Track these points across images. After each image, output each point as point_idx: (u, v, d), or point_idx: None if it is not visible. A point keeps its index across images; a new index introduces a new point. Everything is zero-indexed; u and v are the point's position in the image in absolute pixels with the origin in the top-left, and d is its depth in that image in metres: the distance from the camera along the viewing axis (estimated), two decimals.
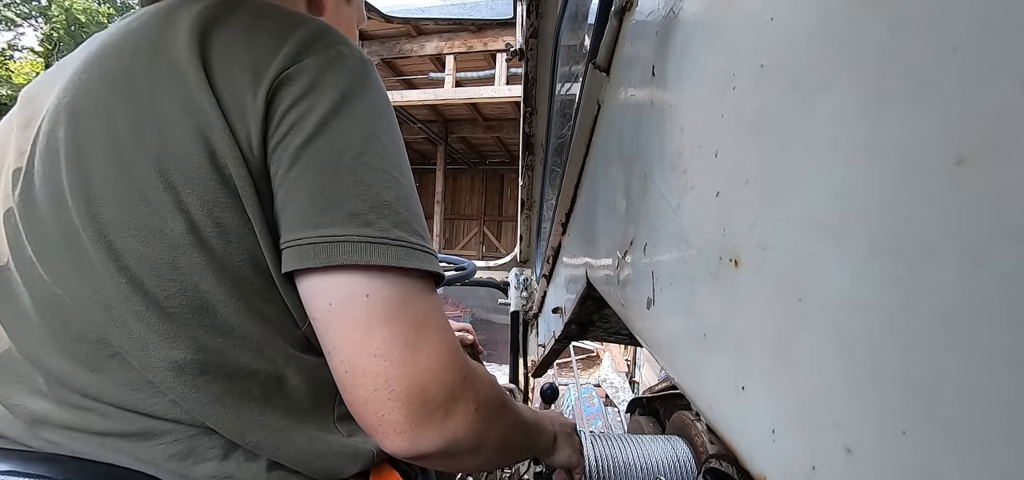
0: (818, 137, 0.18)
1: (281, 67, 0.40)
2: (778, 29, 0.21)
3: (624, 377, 3.93)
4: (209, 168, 0.38)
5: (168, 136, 0.38)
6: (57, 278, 0.40)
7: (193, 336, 0.39)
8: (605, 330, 0.89)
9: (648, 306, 0.37)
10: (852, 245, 0.16)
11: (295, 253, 0.39)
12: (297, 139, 0.39)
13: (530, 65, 1.36)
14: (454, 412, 0.41)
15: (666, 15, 0.34)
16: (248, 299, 0.41)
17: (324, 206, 0.39)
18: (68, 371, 0.40)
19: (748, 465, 0.22)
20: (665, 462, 0.83)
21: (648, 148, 0.38)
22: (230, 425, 0.41)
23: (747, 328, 0.23)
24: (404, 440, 0.39)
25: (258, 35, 0.41)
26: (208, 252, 0.39)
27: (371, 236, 0.39)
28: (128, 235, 0.38)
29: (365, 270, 0.39)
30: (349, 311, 0.39)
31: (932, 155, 0.13)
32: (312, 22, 0.43)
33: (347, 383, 0.40)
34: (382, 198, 0.40)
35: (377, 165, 0.41)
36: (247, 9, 0.43)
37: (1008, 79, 0.11)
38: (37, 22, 13.65)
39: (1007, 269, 0.11)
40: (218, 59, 0.40)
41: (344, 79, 0.41)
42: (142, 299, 0.38)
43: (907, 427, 0.14)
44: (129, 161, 0.38)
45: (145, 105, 0.39)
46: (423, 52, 8.65)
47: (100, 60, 0.42)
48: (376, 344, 0.38)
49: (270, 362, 0.42)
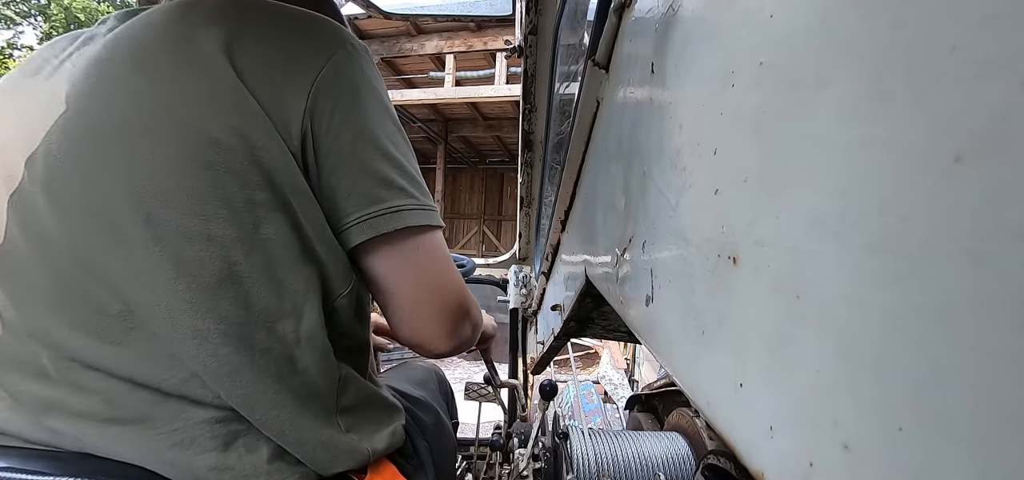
0: (817, 135, 0.18)
1: (317, 68, 0.46)
2: (777, 26, 0.21)
3: (623, 374, 3.94)
4: (244, 152, 0.42)
5: (203, 120, 0.42)
6: (85, 249, 0.41)
7: (218, 307, 0.42)
8: (604, 327, 0.90)
9: (647, 303, 0.37)
10: (851, 243, 0.16)
11: (368, 225, 0.48)
12: (348, 134, 0.47)
13: (529, 62, 1.36)
14: (466, 319, 0.57)
15: (665, 12, 0.34)
16: (272, 272, 0.44)
17: (384, 183, 0.48)
18: (80, 345, 0.41)
19: (746, 462, 0.22)
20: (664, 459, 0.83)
21: (647, 145, 0.38)
22: (244, 397, 0.43)
23: (745, 325, 0.23)
24: (449, 341, 0.55)
25: (284, 37, 0.47)
26: (239, 225, 0.43)
27: (417, 204, 0.50)
28: (166, 207, 0.41)
29: (417, 230, 0.50)
30: (410, 259, 0.51)
31: (931, 153, 0.13)
32: (322, 21, 0.49)
33: (410, 312, 0.53)
34: (411, 173, 0.51)
35: (400, 143, 0.51)
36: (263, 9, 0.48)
37: (1007, 77, 0.11)
38: (36, 21, 13.62)
39: (1006, 267, 0.11)
40: (247, 55, 0.44)
41: (365, 72, 0.49)
42: (173, 267, 0.41)
43: (905, 424, 0.14)
44: (168, 142, 0.41)
45: (180, 91, 0.42)
46: (423, 51, 8.63)
47: (127, 48, 0.44)
48: (429, 280, 0.52)
49: (282, 342, 0.45)
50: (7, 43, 13.32)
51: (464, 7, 1.94)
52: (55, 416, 0.41)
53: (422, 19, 7.61)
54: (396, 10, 1.56)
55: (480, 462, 1.45)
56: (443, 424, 0.77)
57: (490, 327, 0.88)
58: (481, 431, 1.46)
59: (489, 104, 8.82)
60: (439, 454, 0.71)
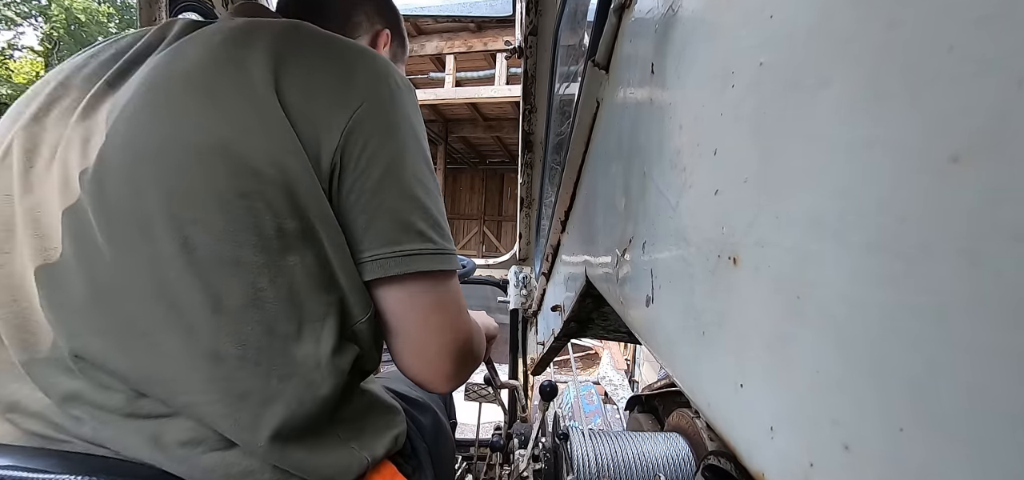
0: (816, 135, 0.18)
1: (354, 105, 0.48)
2: (777, 27, 0.21)
3: (623, 375, 3.93)
4: (280, 184, 0.44)
5: (246, 149, 0.44)
6: (123, 264, 0.43)
7: (240, 331, 0.43)
8: (604, 328, 0.90)
9: (647, 304, 0.37)
10: (850, 243, 0.16)
11: (379, 265, 0.49)
12: (375, 174, 0.48)
13: (529, 63, 1.36)
14: (470, 359, 0.59)
15: (665, 13, 0.34)
16: (295, 298, 0.46)
17: (401, 226, 0.50)
18: (104, 352, 0.43)
19: (746, 462, 0.22)
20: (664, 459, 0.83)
21: (647, 146, 0.38)
22: (254, 417, 0.44)
23: (746, 326, 0.23)
24: (449, 383, 0.57)
25: (329, 70, 0.48)
26: (267, 252, 0.44)
27: (432, 249, 0.51)
28: (202, 231, 0.43)
29: (428, 276, 0.51)
30: (417, 303, 0.52)
31: (929, 153, 0.13)
32: (371, 57, 0.51)
33: (412, 351, 0.54)
34: (433, 216, 0.52)
35: (429, 185, 0.52)
36: (314, 39, 0.50)
37: (1004, 77, 0.11)
38: (37, 21, 13.63)
39: (1003, 267, 0.11)
40: (292, 89, 0.46)
41: (403, 113, 0.51)
42: (203, 291, 0.43)
43: (904, 424, 0.14)
44: (209, 169, 0.43)
45: (227, 119, 0.44)
46: (423, 52, 8.63)
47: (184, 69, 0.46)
48: (433, 324, 0.53)
49: (299, 366, 0.46)
50: (7, 44, 13.32)
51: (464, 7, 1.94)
52: (77, 406, 0.43)
53: (422, 19, 7.61)
54: None
55: (480, 463, 1.45)
56: (442, 425, 0.77)
57: (491, 328, 0.88)
58: (481, 432, 1.46)
59: (489, 105, 8.82)
60: (438, 455, 0.71)
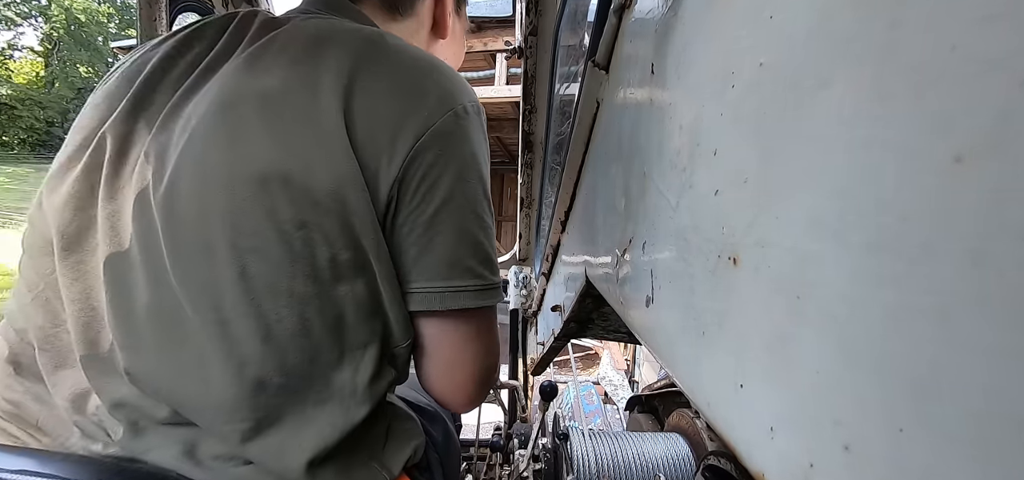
0: (817, 135, 0.18)
1: (416, 135, 0.46)
2: (777, 27, 0.21)
3: (623, 375, 3.93)
4: (338, 214, 0.44)
5: (308, 180, 0.43)
6: (185, 284, 0.43)
7: (285, 361, 0.44)
8: (604, 328, 0.90)
9: (647, 304, 0.37)
10: (851, 243, 0.16)
11: (425, 298, 0.49)
12: (430, 208, 0.47)
13: (529, 63, 1.36)
14: (490, 384, 0.59)
15: (665, 13, 0.34)
16: (340, 328, 0.46)
17: (451, 262, 0.49)
18: (152, 370, 0.43)
19: (747, 462, 0.22)
20: (664, 460, 0.83)
21: (647, 146, 0.38)
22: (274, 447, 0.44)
23: (746, 326, 0.23)
24: (469, 405, 0.59)
25: (397, 95, 0.46)
26: (319, 283, 0.44)
27: (479, 286, 0.51)
28: (259, 261, 0.42)
29: (472, 310, 0.51)
30: (457, 334, 0.53)
31: (931, 153, 0.13)
32: (442, 77, 0.49)
33: (441, 373, 0.55)
34: (485, 251, 0.51)
35: (485, 218, 0.52)
36: (389, 58, 0.48)
37: (1007, 77, 0.11)
38: (37, 21, 13.62)
39: (1006, 267, 0.11)
40: (360, 115, 0.45)
41: (467, 141, 0.49)
42: (256, 320, 0.43)
43: (905, 425, 0.14)
44: (273, 197, 0.42)
45: (294, 146, 0.43)
46: None
47: (257, 90, 0.45)
48: (469, 353, 0.54)
49: (337, 392, 0.46)
50: (7, 44, 13.32)
51: None
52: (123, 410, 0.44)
53: None
54: None
55: (480, 463, 1.45)
56: (451, 434, 0.78)
57: None
58: (481, 432, 1.46)
59: (489, 105, 8.80)
60: (448, 464, 0.73)
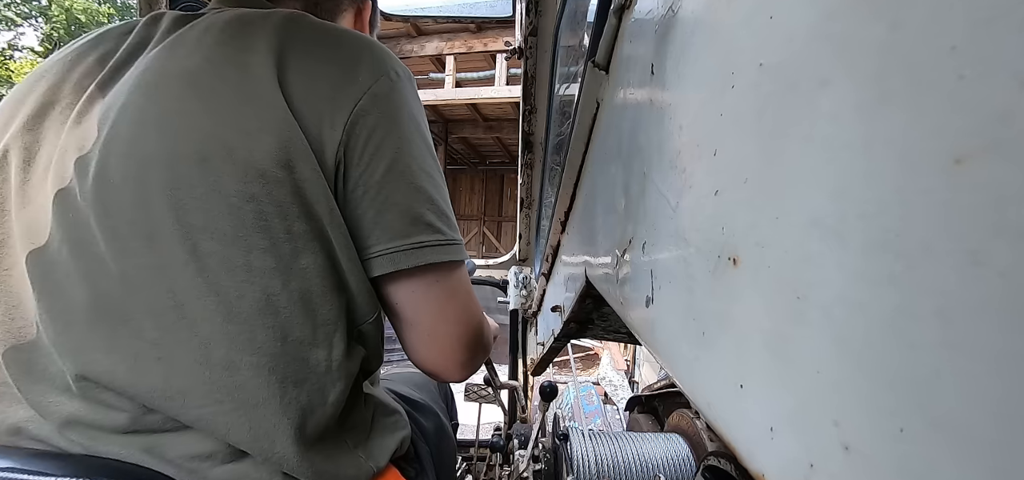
0: (817, 136, 0.18)
1: (355, 99, 0.46)
2: (777, 28, 0.21)
3: (623, 375, 3.93)
4: (287, 183, 0.43)
5: (252, 151, 0.42)
6: (132, 273, 0.41)
7: (254, 338, 0.42)
8: (604, 328, 0.89)
9: (647, 304, 0.37)
10: (851, 244, 0.16)
11: (390, 259, 0.48)
12: (379, 168, 0.47)
13: (529, 63, 1.36)
14: (482, 347, 0.59)
15: (665, 13, 0.34)
16: (308, 303, 0.45)
17: (410, 219, 0.49)
18: (110, 368, 0.41)
19: (746, 463, 0.22)
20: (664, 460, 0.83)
21: (647, 147, 0.38)
22: (270, 427, 0.43)
23: (746, 326, 0.23)
24: (462, 371, 0.57)
25: (330, 63, 0.47)
26: (278, 256, 0.43)
27: (442, 240, 0.50)
28: (211, 239, 0.41)
29: (441, 265, 0.51)
30: (431, 294, 0.52)
31: (931, 154, 0.13)
32: (372, 47, 0.50)
33: (426, 342, 0.54)
34: (441, 207, 0.51)
35: (435, 176, 0.52)
36: (315, 31, 0.48)
37: (1007, 78, 0.11)
38: (37, 22, 13.63)
39: (1005, 268, 0.11)
40: (296, 86, 0.45)
41: (405, 103, 0.50)
42: (215, 298, 0.41)
43: (905, 425, 0.14)
44: (216, 174, 0.41)
45: (231, 120, 0.42)
46: (423, 52, 8.63)
47: (181, 70, 0.44)
48: (449, 314, 0.53)
49: (313, 372, 0.45)
50: (8, 44, 13.32)
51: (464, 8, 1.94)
52: (76, 430, 0.42)
53: (422, 20, 7.61)
54: (396, 11, 1.56)
55: (480, 463, 1.45)
56: (444, 428, 0.77)
57: (492, 328, 0.89)
58: (481, 432, 1.45)
59: (489, 105, 8.82)
60: (440, 458, 0.72)
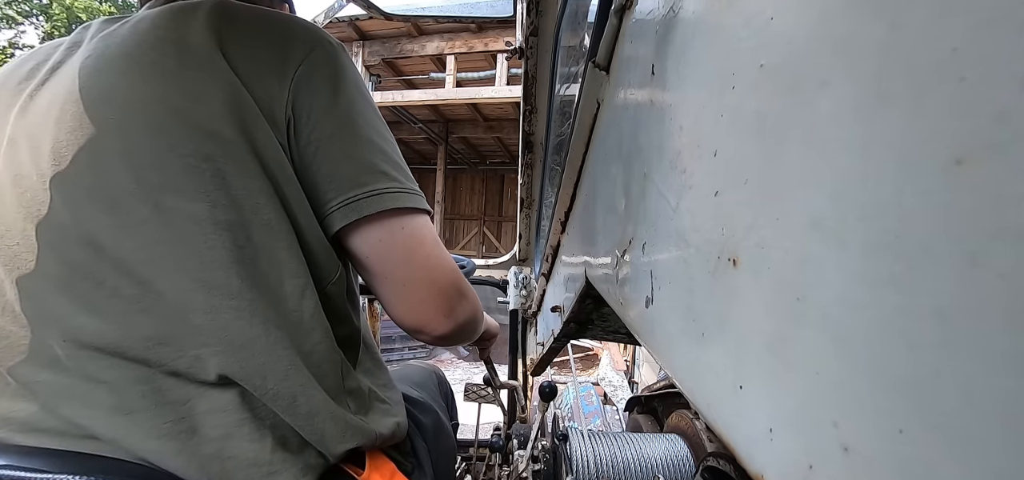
0: (817, 137, 0.18)
1: (297, 63, 0.49)
2: (778, 29, 0.21)
3: (623, 376, 3.93)
4: (240, 142, 0.45)
5: (201, 114, 0.44)
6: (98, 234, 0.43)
7: (229, 285, 0.44)
8: (604, 329, 0.89)
9: (647, 305, 0.37)
10: (851, 245, 0.16)
11: (352, 207, 0.49)
12: (329, 123, 0.49)
13: (530, 63, 1.36)
14: (462, 299, 0.56)
15: (666, 14, 0.34)
16: (276, 254, 0.46)
17: (365, 168, 0.49)
18: (95, 329, 0.42)
19: (746, 464, 0.22)
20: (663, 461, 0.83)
21: (647, 147, 0.38)
22: (257, 367, 0.44)
23: (745, 327, 0.23)
24: (448, 321, 0.55)
25: (267, 35, 0.49)
26: (241, 211, 0.45)
27: (400, 188, 0.51)
28: (172, 195, 0.43)
29: (401, 212, 0.51)
30: (396, 241, 0.51)
31: (931, 155, 0.13)
32: (303, 22, 0.52)
33: (403, 294, 0.52)
34: (395, 159, 0.52)
35: (385, 133, 0.53)
36: (247, 11, 0.51)
37: (1008, 79, 0.11)
38: (38, 20, 13.63)
39: (1005, 269, 0.11)
40: (236, 54, 0.47)
41: (342, 66, 0.51)
42: (185, 247, 0.43)
43: (904, 426, 0.14)
44: (167, 138, 0.43)
45: (177, 87, 0.44)
46: (424, 52, 8.64)
47: (121, 50, 0.46)
48: (418, 259, 0.52)
49: (291, 317, 0.46)
50: (9, 43, 13.33)
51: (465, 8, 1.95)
52: (68, 404, 0.42)
53: (423, 20, 7.63)
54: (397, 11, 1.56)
55: (479, 463, 1.45)
56: (442, 425, 0.77)
57: (492, 327, 0.89)
58: (481, 432, 1.45)
59: (490, 105, 8.82)
60: (438, 455, 0.71)
